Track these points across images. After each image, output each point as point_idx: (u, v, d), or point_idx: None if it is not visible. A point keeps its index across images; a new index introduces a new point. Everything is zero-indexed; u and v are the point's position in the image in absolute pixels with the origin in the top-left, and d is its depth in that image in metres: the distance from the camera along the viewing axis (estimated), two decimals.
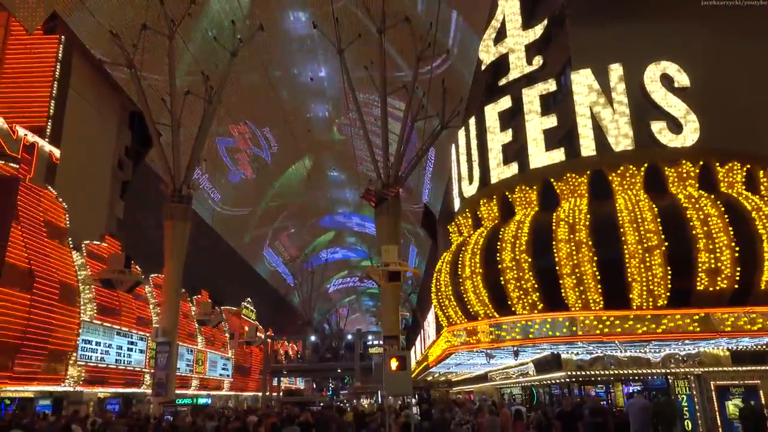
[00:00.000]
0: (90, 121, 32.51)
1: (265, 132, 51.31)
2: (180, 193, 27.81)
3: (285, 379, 62.21)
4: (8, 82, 28.57)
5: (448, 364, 25.37)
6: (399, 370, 13.14)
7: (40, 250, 21.95)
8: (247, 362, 49.38)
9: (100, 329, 25.55)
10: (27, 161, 21.98)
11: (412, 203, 46.45)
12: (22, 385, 21.26)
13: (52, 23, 29.46)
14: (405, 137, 27.39)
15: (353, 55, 29.63)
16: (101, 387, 26.27)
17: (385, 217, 25.81)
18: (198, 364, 37.47)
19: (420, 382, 35.86)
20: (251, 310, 52.49)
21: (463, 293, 17.90)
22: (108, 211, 34.77)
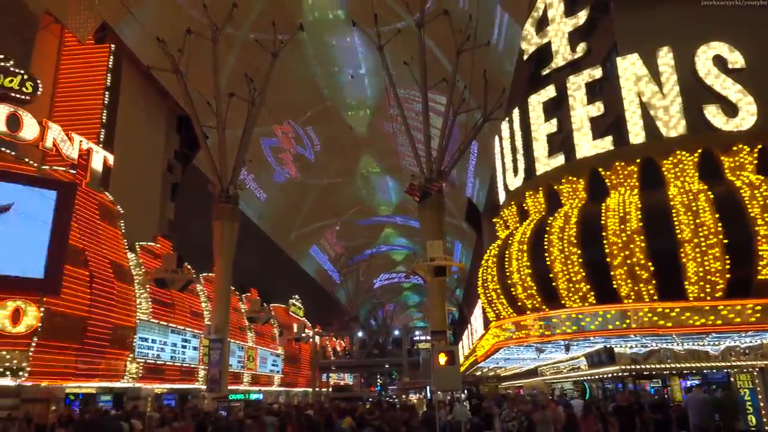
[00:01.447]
0: (140, 126, 33.59)
1: (308, 131, 51.86)
2: (227, 193, 28.38)
3: (333, 374, 62.90)
4: (63, 92, 29.77)
5: (496, 359, 25.16)
6: (447, 365, 13.09)
7: (98, 251, 22.82)
8: (297, 358, 50.14)
9: (156, 327, 26.40)
10: (83, 167, 22.88)
11: (455, 197, 46.11)
12: (85, 381, 22.20)
13: (102, 33, 30.50)
14: (447, 131, 27.18)
15: (393, 51, 29.58)
16: (158, 383, 27.16)
17: (428, 212, 25.69)
18: (249, 361, 38.26)
19: (468, 377, 35.69)
20: (299, 307, 53.24)
21: (511, 287, 17.69)
22: (159, 212, 35.89)
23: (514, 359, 25.38)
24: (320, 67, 43.76)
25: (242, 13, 32.56)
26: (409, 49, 29.23)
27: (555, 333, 15.68)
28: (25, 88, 21.10)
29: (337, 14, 39.14)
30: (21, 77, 21.08)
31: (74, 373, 21.11)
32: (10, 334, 18.71)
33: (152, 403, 27.05)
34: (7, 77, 20.73)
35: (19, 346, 18.93)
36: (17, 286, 19.12)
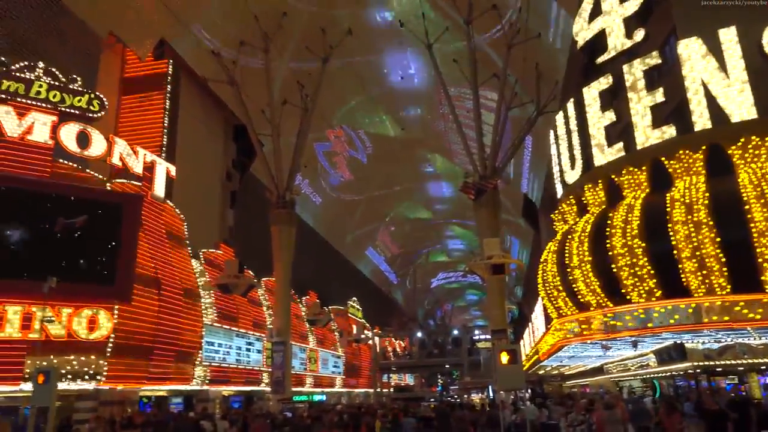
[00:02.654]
0: (199, 137, 34.73)
1: (360, 133, 52.26)
2: (284, 199, 28.95)
3: (394, 375, 63.06)
4: (127, 107, 31.18)
5: (560, 357, 24.61)
6: (510, 363, 12.88)
7: (164, 260, 23.75)
8: (357, 360, 50.56)
9: (221, 331, 27.21)
10: (148, 179, 23.85)
11: (511, 194, 45.41)
12: (157, 384, 23.13)
13: (160, 49, 31.75)
14: (500, 127, 26.81)
15: (442, 49, 29.44)
16: (225, 385, 27.97)
17: (484, 210, 25.39)
18: (311, 363, 38.87)
19: (531, 376, 35.04)
20: (357, 309, 53.67)
21: (572, 283, 17.27)
22: (220, 220, 36.99)
23: (579, 357, 24.75)
24: (370, 70, 44.02)
25: (292, 21, 33.18)
26: (458, 46, 29.04)
27: (621, 330, 15.20)
28: (92, 106, 22.17)
29: (384, 16, 39.28)
30: (88, 96, 22.16)
31: (147, 377, 22.02)
32: (87, 340, 19.71)
33: (220, 405, 27.88)
34: (76, 97, 21.85)
35: (96, 351, 19.91)
36: (92, 295, 20.11)
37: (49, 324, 18.81)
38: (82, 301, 19.77)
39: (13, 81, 20.54)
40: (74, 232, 19.47)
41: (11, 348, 18.40)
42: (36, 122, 20.50)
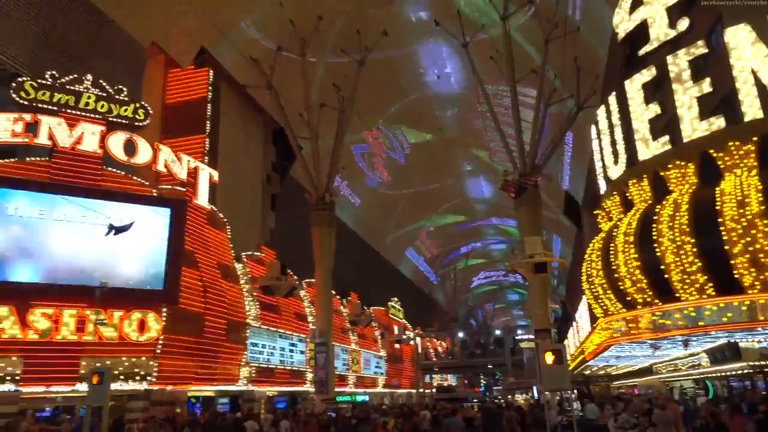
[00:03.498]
0: (239, 142, 35.40)
1: (398, 134, 52.29)
2: (323, 200, 29.22)
3: (436, 376, 62.80)
4: (170, 115, 32.03)
5: (606, 357, 24.08)
6: (555, 363, 12.66)
7: (208, 263, 24.27)
8: (399, 360, 50.59)
9: (264, 332, 27.64)
10: (192, 184, 24.44)
11: (552, 191, 44.68)
12: (204, 384, 23.68)
13: (201, 57, 32.52)
14: (539, 123, 26.41)
15: (478, 47, 29.20)
16: (269, 386, 28.40)
17: (525, 208, 25.07)
18: (353, 363, 39.09)
19: (578, 377, 34.41)
20: (398, 309, 53.70)
21: (618, 281, 16.87)
22: (261, 223, 37.60)
23: (626, 357, 24.17)
24: (406, 70, 44.01)
25: (327, 25, 33.46)
26: (494, 43, 28.75)
27: (670, 328, 14.77)
28: (138, 115, 22.85)
29: (420, 16, 39.21)
30: (134, 106, 22.85)
31: (194, 377, 22.56)
32: (138, 342, 20.33)
33: (265, 405, 28.31)
34: (122, 106, 22.56)
35: (146, 353, 20.52)
36: (140, 298, 20.74)
37: (101, 327, 19.48)
38: (132, 305, 20.39)
39: (63, 93, 21.35)
40: (123, 236, 20.17)
41: (67, 350, 19.14)
42: (85, 132, 21.27)
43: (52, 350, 18.89)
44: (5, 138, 20.21)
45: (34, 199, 19.86)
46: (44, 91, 21.03)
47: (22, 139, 20.47)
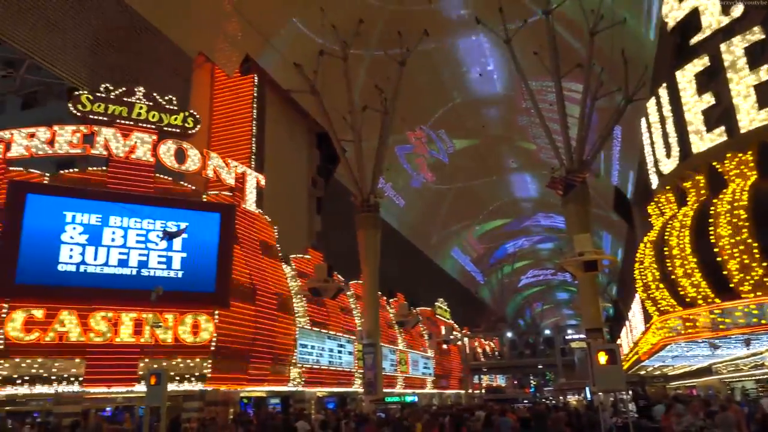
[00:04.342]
0: (285, 147, 35.98)
1: (441, 134, 52.08)
2: (368, 202, 29.34)
3: (485, 376, 62.21)
4: (218, 122, 32.86)
5: (662, 357, 23.36)
6: (608, 364, 12.36)
7: (258, 266, 24.78)
8: (447, 361, 50.34)
9: (313, 334, 27.98)
10: (240, 189, 25.00)
11: (600, 187, 43.62)
12: (256, 385, 24.15)
13: (246, 65, 33.23)
14: (586, 118, 25.84)
15: (521, 43, 28.79)
16: (319, 387, 28.73)
17: (573, 205, 24.55)
18: (401, 364, 39.12)
19: (632, 377, 33.44)
20: (445, 310, 53.43)
21: (674, 278, 16.34)
22: (307, 226, 38.10)
23: (684, 357, 23.35)
24: (448, 69, 43.80)
25: (368, 27, 33.64)
26: (537, 38, 28.28)
27: (730, 327, 14.21)
28: (187, 123, 23.53)
29: (460, 13, 38.95)
30: (183, 115, 23.54)
31: (246, 379, 23.05)
32: (192, 344, 20.92)
33: (315, 405, 28.65)
34: (172, 116, 23.27)
35: (200, 355, 21.09)
36: (193, 301, 21.34)
37: (157, 329, 20.13)
38: (185, 308, 20.99)
39: (117, 105, 22.19)
40: (176, 241, 20.82)
41: (126, 352, 19.87)
42: (138, 142, 22.05)
43: (112, 352, 19.66)
44: (65, 150, 21.18)
45: (92, 207, 20.68)
46: (99, 103, 21.90)
47: (80, 150, 21.41)
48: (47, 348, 18.96)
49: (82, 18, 25.13)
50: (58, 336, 19.06)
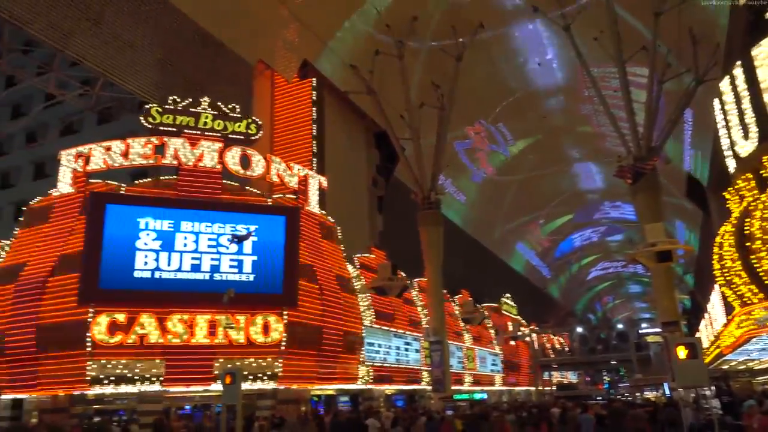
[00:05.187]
0: (344, 148, 36.43)
1: (500, 127, 51.29)
2: (429, 200, 29.29)
3: (555, 373, 60.86)
4: (279, 127, 33.67)
5: (747, 351, 22.09)
6: (689, 358, 11.82)
7: (323, 267, 25.18)
8: (516, 357, 49.55)
9: (379, 332, 28.19)
10: (303, 192, 25.49)
11: (671, 173, 41.75)
12: (326, 384, 24.59)
13: (304, 69, 33.90)
14: (653, 103, 24.80)
15: (580, 29, 27.93)
16: (387, 384, 28.92)
17: (643, 194, 23.63)
18: (469, 361, 38.84)
19: (714, 372, 31.86)
20: (511, 305, 52.62)
21: (757, 267, 15.43)
22: (369, 225, 38.42)
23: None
24: (505, 61, 43.08)
25: (423, 24, 33.54)
26: (597, 23, 27.36)
27: None
28: (250, 130, 24.20)
29: (516, 3, 38.22)
30: (246, 122, 24.24)
31: (316, 377, 23.51)
32: (263, 344, 21.52)
33: (384, 403, 28.87)
34: (236, 123, 24.00)
35: (271, 354, 21.68)
36: (262, 302, 21.94)
37: (230, 330, 20.83)
38: (256, 309, 21.61)
39: (184, 116, 23.10)
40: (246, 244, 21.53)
41: (202, 352, 20.67)
42: (206, 150, 22.88)
43: (189, 353, 20.50)
44: (138, 161, 22.26)
45: (164, 214, 21.61)
46: (168, 115, 22.86)
47: (152, 161, 22.44)
48: (130, 349, 19.98)
49: (150, 35, 26.33)
50: (139, 338, 20.05)
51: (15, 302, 20.66)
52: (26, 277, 20.99)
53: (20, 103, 39.02)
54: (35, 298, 20.35)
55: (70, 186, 22.13)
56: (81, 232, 20.83)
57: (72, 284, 20.08)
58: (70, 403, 20.68)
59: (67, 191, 22.18)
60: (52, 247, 21.32)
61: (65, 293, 20.13)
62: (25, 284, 20.80)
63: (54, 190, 22.65)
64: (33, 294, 20.44)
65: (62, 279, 20.40)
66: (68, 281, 20.23)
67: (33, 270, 21.10)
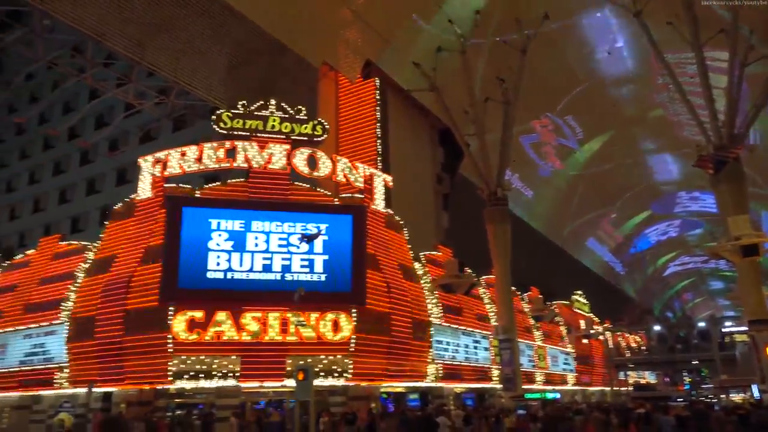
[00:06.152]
0: (408, 146, 36.46)
1: (568, 120, 49.89)
2: (495, 195, 28.91)
3: (632, 373, 58.62)
4: (344, 127, 34.16)
5: None
6: None
7: (389, 264, 25.33)
8: (589, 356, 48.05)
9: (447, 330, 28.06)
10: (369, 191, 25.71)
11: (757, 162, 39.27)
12: (395, 381, 24.74)
13: (367, 69, 34.20)
14: (735, 88, 23.46)
15: (652, 14, 26.75)
16: (456, 382, 28.75)
17: (726, 185, 22.40)
18: (539, 360, 38.00)
19: None
20: (583, 303, 51.04)
21: None
22: (435, 223, 38.31)
23: None
24: (572, 51, 41.85)
25: (485, 18, 33.10)
26: (671, 7, 26.12)
27: None
28: (316, 131, 24.65)
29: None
30: (312, 123, 24.69)
31: (386, 374, 23.69)
32: (334, 341, 21.89)
33: (454, 401, 28.71)
34: (302, 125, 24.50)
35: (341, 351, 22.02)
36: (332, 300, 22.29)
37: (301, 328, 21.33)
38: (326, 307, 22.00)
39: (253, 119, 23.82)
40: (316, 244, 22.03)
41: (274, 349, 21.27)
42: (274, 152, 23.51)
43: (262, 349, 21.14)
44: (211, 165, 23.13)
45: (236, 214, 22.34)
46: (238, 119, 23.64)
47: (224, 165, 23.27)
48: (207, 346, 20.83)
49: (219, 44, 27.33)
50: (216, 335, 20.85)
51: (104, 293, 22.16)
52: (115, 271, 22.42)
53: (103, 114, 41.43)
54: (122, 293, 21.62)
55: (149, 190, 23.31)
56: (160, 234, 21.91)
57: (154, 282, 21.18)
58: (155, 397, 21.80)
59: (146, 196, 23.38)
60: (135, 247, 22.57)
61: (148, 291, 21.27)
62: (114, 278, 22.23)
63: (135, 195, 23.93)
64: (120, 288, 21.77)
65: (145, 276, 21.58)
66: (150, 279, 21.37)
67: (120, 267, 22.48)
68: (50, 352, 23.72)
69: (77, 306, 23.31)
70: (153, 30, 25.35)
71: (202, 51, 27.27)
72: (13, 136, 50.98)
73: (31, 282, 25.98)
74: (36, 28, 24.65)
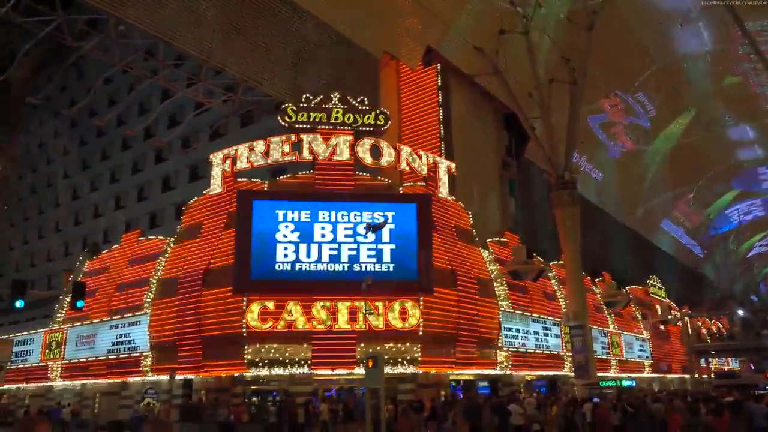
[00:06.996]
0: (472, 132, 35.98)
1: (639, 97, 47.72)
2: (563, 179, 28.07)
3: (713, 360, 55.97)
4: (407, 115, 34.11)
5: None
6: None
7: (456, 252, 25.23)
8: (666, 343, 46.20)
9: (517, 317, 27.67)
10: (433, 179, 25.63)
11: None
12: (464, 369, 24.68)
13: (428, 56, 33.89)
14: None
15: None
16: (526, 370, 28.34)
17: None
18: (613, 347, 36.86)
19: None
20: (659, 287, 49.02)
21: None
22: (501, 209, 37.68)
23: None
24: (642, 25, 39.89)
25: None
26: None
27: None
28: (379, 121, 24.77)
29: None
30: (374, 113, 24.83)
31: (454, 362, 23.67)
32: (401, 329, 22.07)
33: (524, 389, 28.33)
34: (365, 116, 24.67)
35: (409, 340, 22.18)
36: (399, 289, 22.43)
37: (369, 316, 21.61)
38: (393, 295, 22.17)
39: (317, 112, 24.21)
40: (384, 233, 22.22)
41: (344, 337, 21.69)
42: (338, 144, 23.85)
43: (332, 338, 21.62)
44: (278, 158, 23.72)
45: (303, 206, 22.81)
46: (302, 113, 24.10)
47: (290, 158, 23.79)
48: (280, 335, 21.50)
49: (283, 40, 27.82)
50: (288, 324, 21.48)
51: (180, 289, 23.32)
52: (188, 273, 23.44)
53: (175, 113, 43.13)
54: (197, 289, 22.65)
55: (220, 186, 24.16)
56: (232, 228, 22.72)
57: (226, 276, 22.00)
58: (231, 384, 22.73)
59: (217, 191, 24.25)
60: (207, 244, 23.50)
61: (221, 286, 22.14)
62: (187, 278, 23.27)
63: (207, 190, 24.87)
64: (195, 286, 22.79)
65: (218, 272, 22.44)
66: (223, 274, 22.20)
67: (193, 265, 23.52)
68: (135, 341, 25.15)
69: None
70: (221, 31, 26.13)
71: (267, 48, 27.84)
72: (94, 138, 54.03)
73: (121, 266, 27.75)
74: (112, 34, 25.88)
